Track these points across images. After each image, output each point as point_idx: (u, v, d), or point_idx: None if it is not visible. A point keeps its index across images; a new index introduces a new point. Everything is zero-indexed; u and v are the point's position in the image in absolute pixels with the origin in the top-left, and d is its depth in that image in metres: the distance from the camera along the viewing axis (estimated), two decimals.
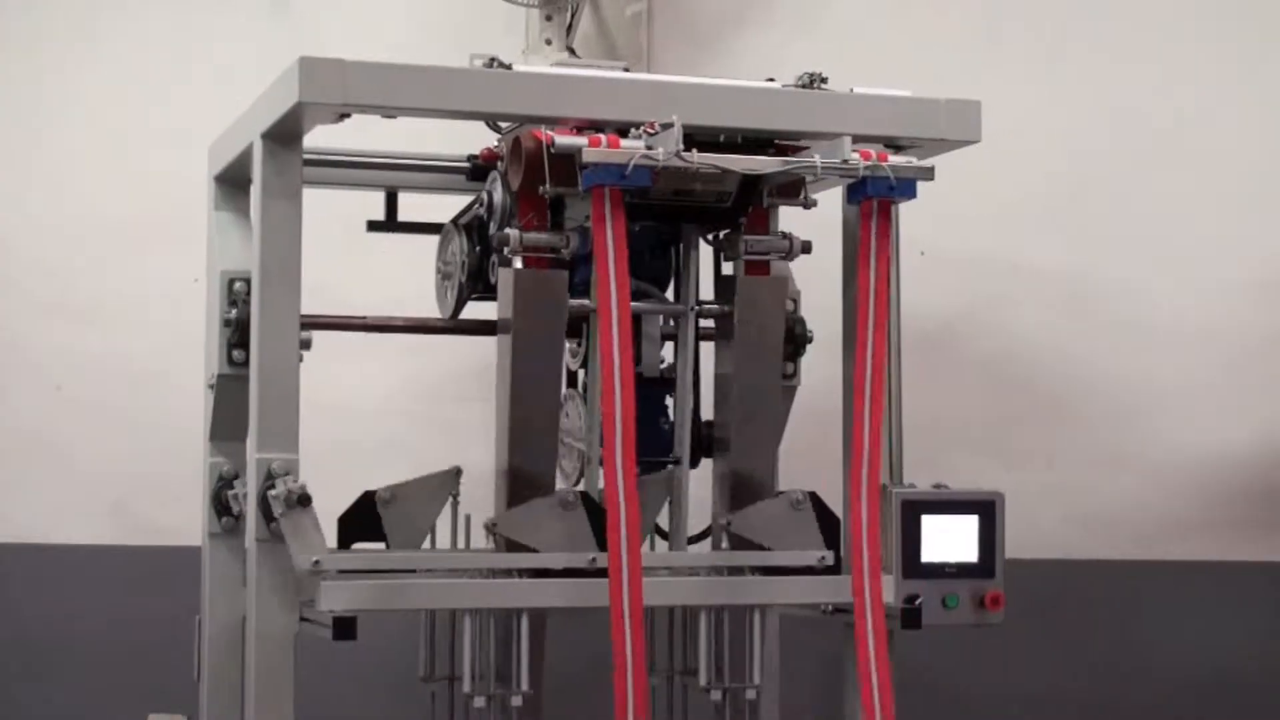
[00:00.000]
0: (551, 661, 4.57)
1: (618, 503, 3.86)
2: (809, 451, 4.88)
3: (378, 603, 3.96)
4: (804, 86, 4.24)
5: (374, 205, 4.77)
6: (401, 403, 5.71)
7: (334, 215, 4.62)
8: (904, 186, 4.05)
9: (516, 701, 4.18)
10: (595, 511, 4.17)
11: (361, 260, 5.24)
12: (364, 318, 4.57)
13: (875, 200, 4.06)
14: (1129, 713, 5.57)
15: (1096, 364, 5.73)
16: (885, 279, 4.09)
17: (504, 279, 4.17)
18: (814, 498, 4.44)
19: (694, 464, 4.44)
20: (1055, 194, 5.73)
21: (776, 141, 4.19)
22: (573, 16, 5.45)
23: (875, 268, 4.08)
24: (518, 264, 4.13)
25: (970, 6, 5.88)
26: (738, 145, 4.15)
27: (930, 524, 4.38)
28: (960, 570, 4.38)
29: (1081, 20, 5.83)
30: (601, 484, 3.95)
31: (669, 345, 4.50)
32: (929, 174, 4.09)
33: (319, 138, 4.15)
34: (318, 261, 4.17)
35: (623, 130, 3.95)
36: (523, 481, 4.16)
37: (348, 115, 3.96)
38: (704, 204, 4.19)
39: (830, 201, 4.46)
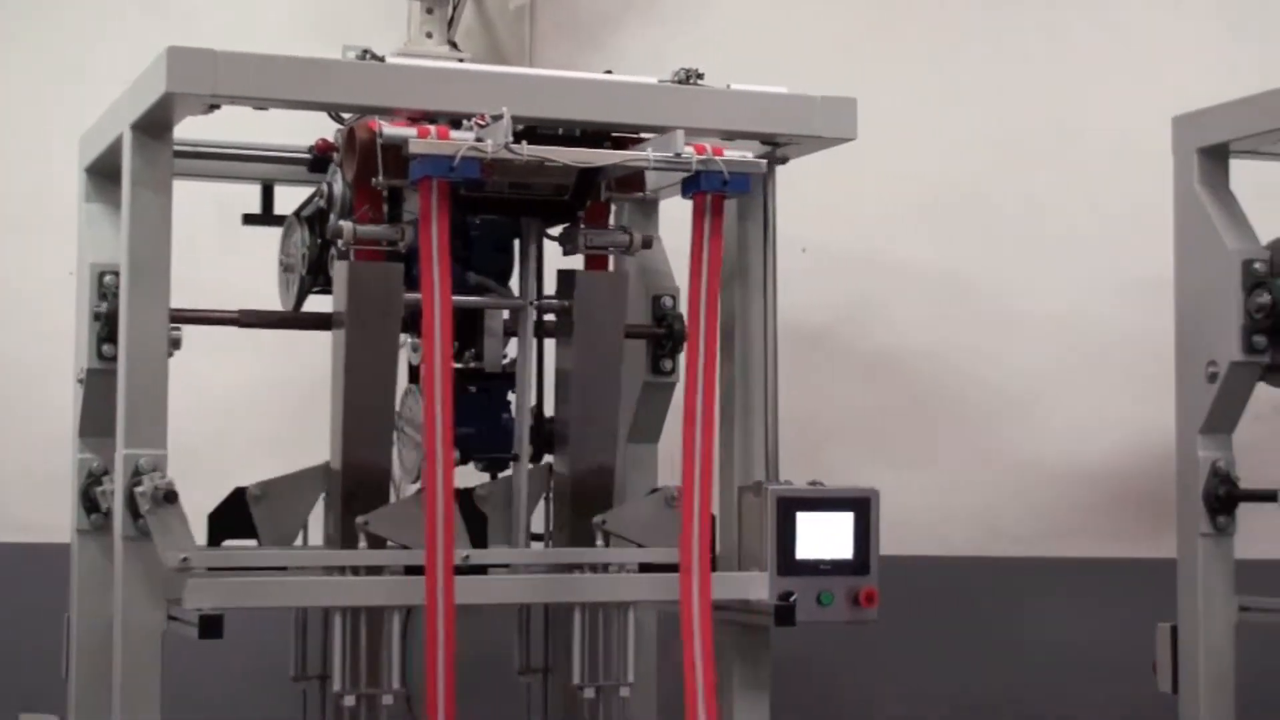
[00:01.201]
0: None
1: (435, 501, 3.81)
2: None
3: (244, 600, 3.92)
4: (680, 82, 4.22)
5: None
6: (278, 398, 5.65)
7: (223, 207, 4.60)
8: (737, 181, 4.04)
9: (388, 700, 4.15)
10: (469, 508, 4.15)
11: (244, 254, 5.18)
12: (236, 312, 4.52)
13: (709, 195, 4.04)
14: (1003, 708, 5.61)
15: (974, 362, 5.77)
16: (717, 273, 4.06)
17: (339, 272, 4.14)
18: None
19: (534, 460, 4.41)
20: (934, 193, 5.76)
21: (614, 135, 4.18)
22: (454, 10, 5.41)
23: (708, 262, 4.05)
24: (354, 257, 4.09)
25: (854, 6, 5.90)
26: (577, 139, 4.13)
27: (805, 521, 4.37)
28: (835, 567, 4.37)
29: (963, 22, 5.86)
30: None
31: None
32: (761, 169, 4.09)
33: (212, 129, 4.10)
34: (197, 254, 4.12)
35: (455, 122, 3.91)
36: (357, 476, 4.12)
37: (217, 106, 3.92)
38: (542, 197, 4.18)
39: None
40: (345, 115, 4.19)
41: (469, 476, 4.37)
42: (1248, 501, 4.46)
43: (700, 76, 4.24)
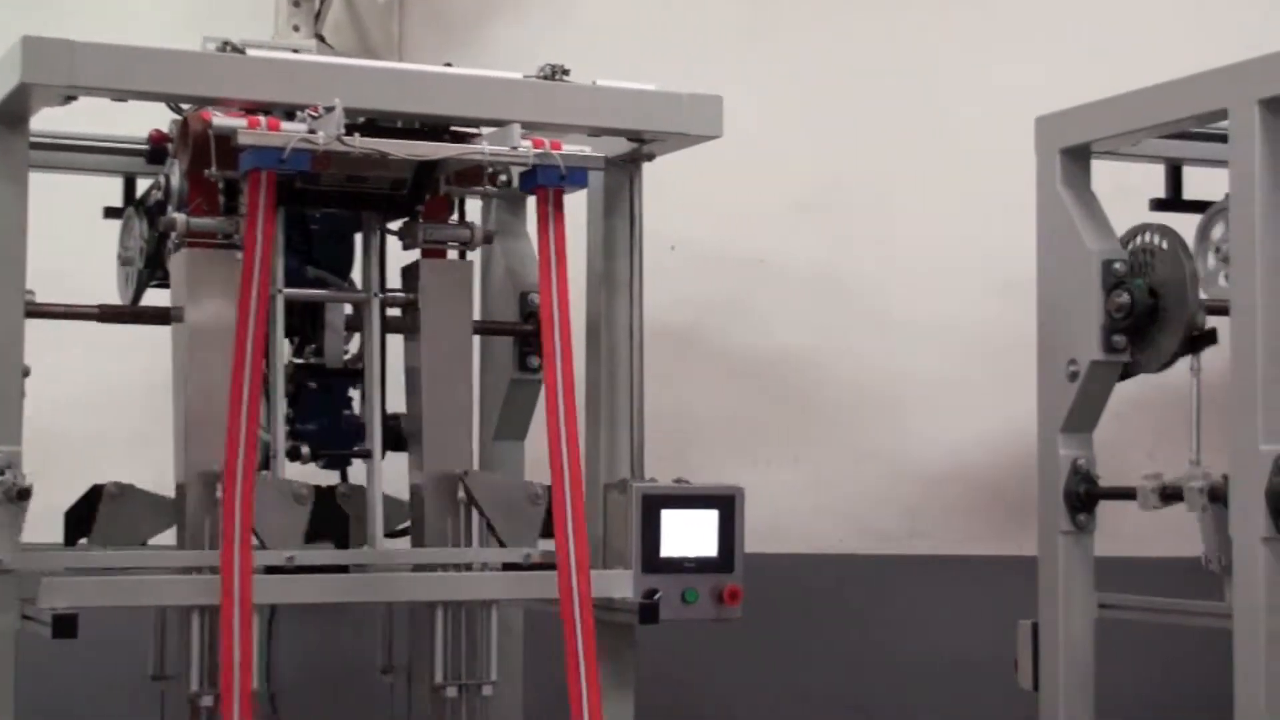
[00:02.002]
0: (297, 658, 4.50)
1: (234, 502, 3.75)
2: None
3: (99, 600, 3.85)
4: (545, 78, 4.21)
5: None
6: (150, 395, 5.57)
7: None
8: (575, 176, 4.03)
9: None
10: (329, 505, 4.11)
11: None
12: (96, 307, 4.45)
13: (550, 190, 4.03)
14: (871, 705, 5.63)
15: (842, 360, 5.79)
16: (562, 268, 4.05)
17: (174, 265, 4.10)
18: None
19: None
20: (805, 192, 5.78)
21: (452, 129, 4.16)
22: (322, 3, 5.38)
23: (554, 257, 4.04)
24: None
25: (729, 4, 5.90)
26: (417, 132, 4.10)
27: (670, 519, 4.36)
28: (700, 565, 4.37)
29: (834, 22, 5.88)
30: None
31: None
32: (600, 163, 4.08)
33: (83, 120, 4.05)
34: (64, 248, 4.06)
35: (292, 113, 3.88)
36: (199, 472, 4.06)
37: (74, 98, 3.87)
38: (380, 191, 4.14)
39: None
40: (185, 106, 4.13)
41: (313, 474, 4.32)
42: (1107, 499, 4.49)
43: (566, 72, 4.23)
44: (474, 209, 4.75)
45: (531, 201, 4.91)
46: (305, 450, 4.27)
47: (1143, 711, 5.46)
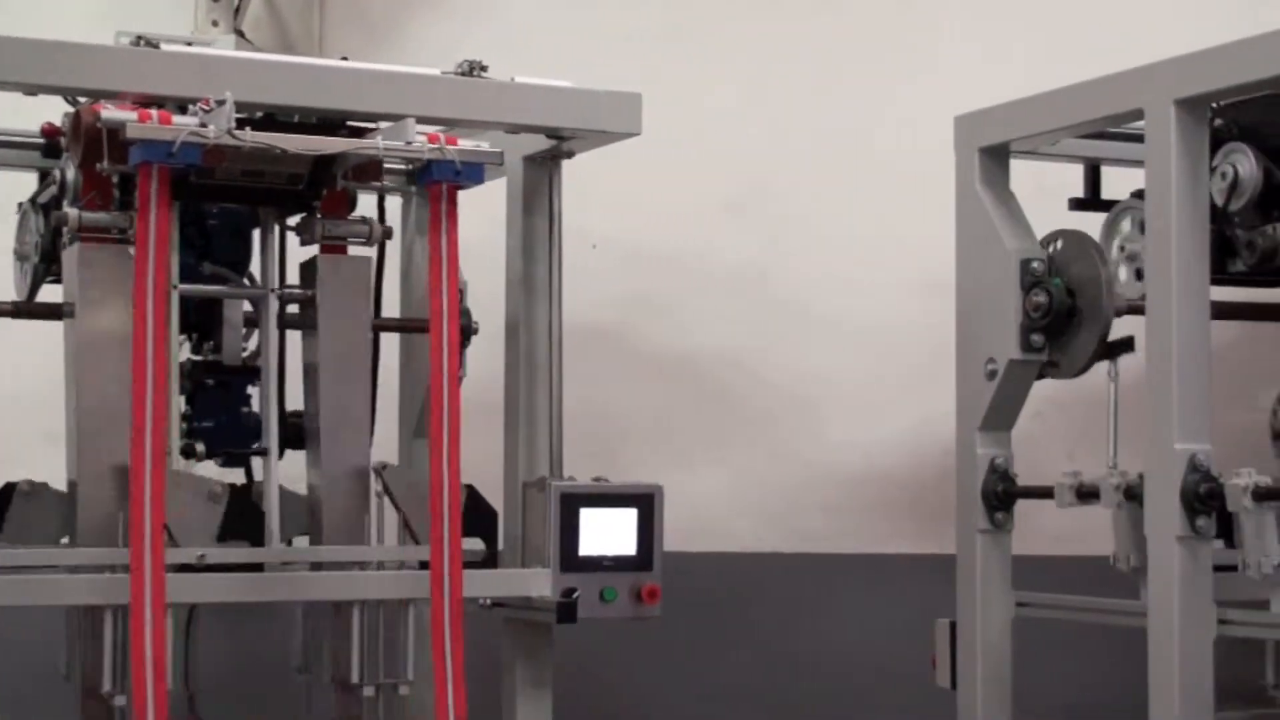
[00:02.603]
0: (216, 657, 4.47)
1: (142, 500, 3.70)
2: (473, 442, 4.85)
3: (7, 599, 3.82)
4: (464, 75, 4.19)
5: None
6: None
7: None
8: (470, 171, 4.00)
9: None
10: (244, 504, 4.08)
11: None
12: (10, 304, 4.41)
13: (444, 185, 4.00)
14: (790, 703, 5.63)
15: (764, 359, 5.79)
16: (455, 264, 4.03)
17: (67, 260, 4.07)
18: (471, 491, 4.41)
19: (278, 455, 4.33)
20: (728, 190, 5.77)
21: (349, 124, 4.14)
22: None
23: (446, 253, 4.02)
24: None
25: (655, 4, 5.89)
26: (314, 126, 4.09)
27: (588, 517, 4.36)
28: (618, 563, 4.37)
29: (759, 21, 5.88)
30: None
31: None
32: (498, 159, 4.06)
33: None
34: None
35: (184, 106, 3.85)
36: (94, 469, 4.01)
37: None
38: (276, 186, 4.11)
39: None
40: (80, 99, 4.09)
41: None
42: (1025, 498, 4.50)
43: (484, 69, 4.22)
44: (395, 206, 4.74)
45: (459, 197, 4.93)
46: (200, 448, 4.23)
47: (1060, 709, 5.49)
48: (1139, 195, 4.59)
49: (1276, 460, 4.66)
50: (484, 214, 4.69)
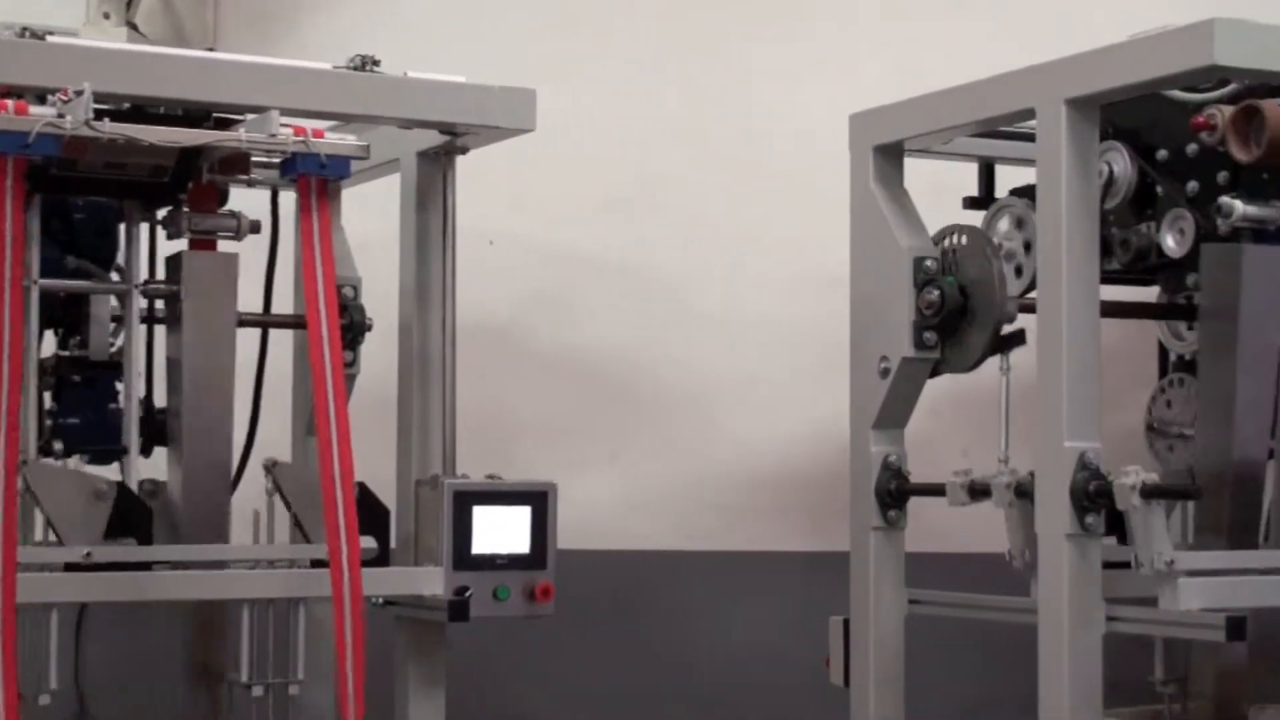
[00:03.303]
0: (106, 656, 4.42)
1: None
2: (363, 439, 4.82)
3: None
4: (355, 69, 4.16)
5: None
6: None
7: None
8: (336, 165, 3.98)
9: (45, 700, 4.01)
10: (131, 501, 4.04)
11: None
12: None
13: (313, 178, 3.97)
14: (686, 701, 5.63)
15: (662, 356, 5.78)
16: (329, 258, 4.00)
17: None
18: (362, 488, 4.37)
19: (145, 453, 4.29)
20: (624, 187, 5.75)
21: (215, 115, 4.10)
22: None
23: (319, 247, 3.99)
24: None
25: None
26: (179, 118, 4.05)
27: (481, 515, 4.34)
28: (511, 562, 4.36)
29: (653, 17, 5.86)
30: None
31: None
32: (365, 152, 4.04)
33: None
34: None
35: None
36: None
37: None
38: (140, 179, 4.06)
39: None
40: None
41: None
42: (918, 495, 4.51)
43: (376, 63, 4.19)
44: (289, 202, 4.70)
45: (348, 194, 4.89)
46: (58, 446, 4.17)
47: (953, 706, 5.52)
48: (1017, 193, 4.64)
49: (1150, 452, 4.72)
50: (384, 210, 4.67)
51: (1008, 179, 4.83)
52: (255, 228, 4.32)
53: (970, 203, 4.84)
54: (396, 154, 4.58)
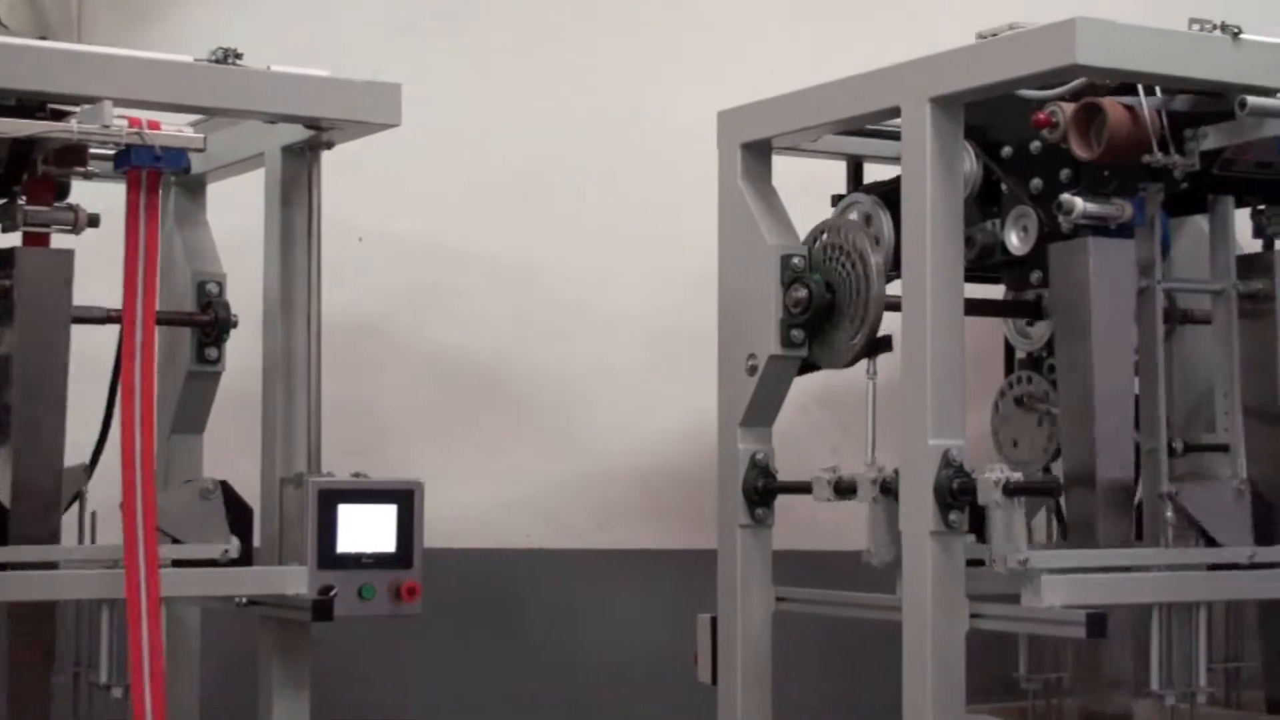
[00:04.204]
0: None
1: None
2: (229, 437, 4.77)
3: None
4: (218, 62, 4.11)
5: None
6: None
7: None
8: (172, 157, 3.93)
9: None
10: None
11: None
12: None
13: (144, 170, 3.93)
14: (556, 700, 5.61)
15: (536, 353, 5.75)
16: (154, 253, 3.96)
17: None
18: (225, 486, 4.34)
19: None
20: (500, 183, 5.72)
21: (50, 106, 4.03)
22: None
23: (145, 241, 3.94)
24: None
25: None
26: (11, 109, 3.97)
27: (346, 514, 4.31)
28: (377, 560, 4.32)
29: (532, 12, 5.84)
30: None
31: None
32: (200, 144, 3.99)
33: None
34: None
35: None
36: None
37: None
38: None
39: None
40: None
41: None
42: (785, 493, 4.52)
43: (239, 56, 4.14)
44: None
45: (212, 189, 4.85)
46: None
47: (821, 704, 5.53)
48: (865, 190, 4.65)
49: (999, 454, 4.76)
50: (255, 206, 4.61)
51: (875, 177, 4.84)
52: (94, 221, 4.23)
53: (837, 200, 4.85)
54: (261, 149, 4.53)
